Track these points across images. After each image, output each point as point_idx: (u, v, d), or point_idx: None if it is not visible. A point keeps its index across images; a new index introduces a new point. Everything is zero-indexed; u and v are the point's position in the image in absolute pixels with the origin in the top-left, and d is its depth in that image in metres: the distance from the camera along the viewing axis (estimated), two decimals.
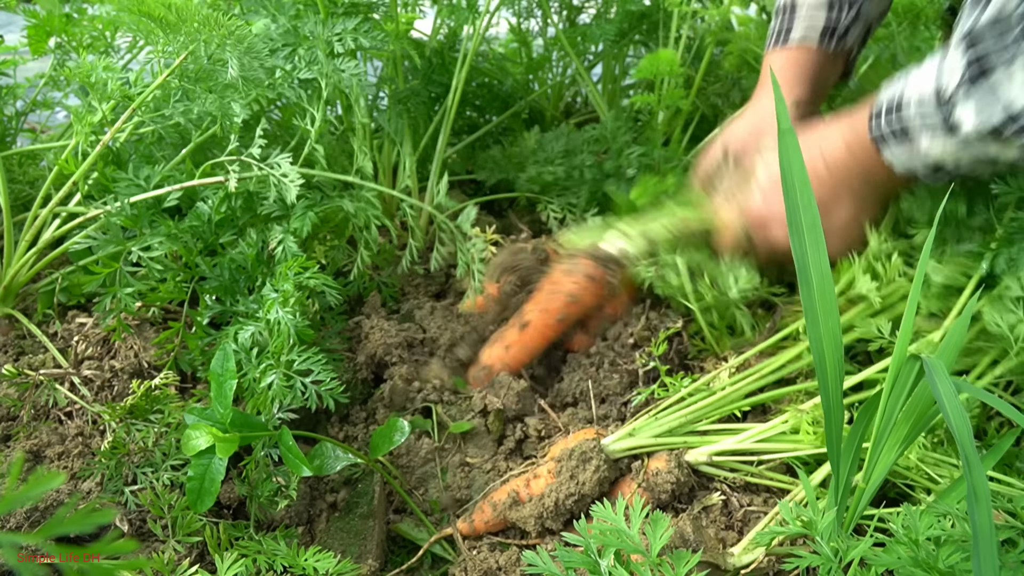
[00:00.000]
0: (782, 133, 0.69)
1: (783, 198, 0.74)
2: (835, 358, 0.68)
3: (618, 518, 0.72)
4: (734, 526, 0.96)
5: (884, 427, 0.69)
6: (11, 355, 1.10)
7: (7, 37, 1.43)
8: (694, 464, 0.97)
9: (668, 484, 0.94)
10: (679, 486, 0.95)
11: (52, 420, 1.01)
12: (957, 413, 0.57)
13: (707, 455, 0.96)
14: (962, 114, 0.85)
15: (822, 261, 0.68)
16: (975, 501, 0.53)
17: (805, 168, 0.70)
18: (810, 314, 0.68)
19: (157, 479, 0.90)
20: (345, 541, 0.91)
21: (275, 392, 0.90)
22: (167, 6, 0.96)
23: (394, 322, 1.25)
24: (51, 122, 1.66)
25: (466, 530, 0.95)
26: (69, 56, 1.37)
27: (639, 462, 0.96)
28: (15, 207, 1.25)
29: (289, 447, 0.84)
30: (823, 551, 0.66)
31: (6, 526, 0.84)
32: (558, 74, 1.73)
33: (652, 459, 0.96)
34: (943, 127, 0.88)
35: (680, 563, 0.68)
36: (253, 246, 1.05)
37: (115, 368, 1.06)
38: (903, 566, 0.63)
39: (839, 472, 0.73)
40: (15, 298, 1.16)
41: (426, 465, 1.03)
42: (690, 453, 0.97)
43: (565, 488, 0.92)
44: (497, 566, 0.90)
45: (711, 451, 0.96)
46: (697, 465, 0.97)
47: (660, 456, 0.96)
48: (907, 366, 0.67)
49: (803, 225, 0.69)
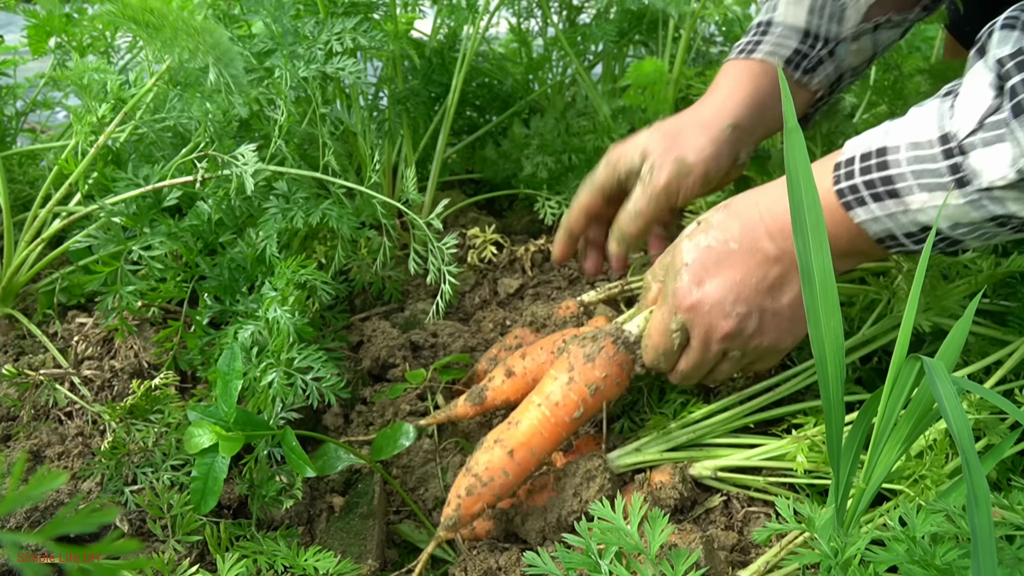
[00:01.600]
0: (788, 132, 0.68)
1: (776, 308, 0.70)
2: (835, 358, 0.68)
3: (617, 517, 0.72)
4: (734, 526, 0.97)
5: (884, 427, 0.69)
6: (11, 355, 1.10)
7: (7, 37, 1.43)
8: (698, 477, 0.97)
9: (671, 499, 0.94)
10: (683, 500, 0.95)
11: (52, 420, 1.01)
12: (957, 414, 0.57)
13: (711, 469, 0.96)
14: (980, 160, 0.69)
15: (825, 261, 0.68)
16: (975, 503, 0.53)
17: (808, 166, 0.66)
18: (812, 313, 0.68)
19: (157, 479, 0.90)
20: (345, 541, 0.91)
21: (276, 391, 0.90)
22: (148, 10, 0.96)
23: (398, 322, 1.26)
24: (51, 122, 1.66)
25: (466, 534, 0.95)
26: (69, 56, 1.37)
27: (643, 474, 0.96)
28: (15, 207, 1.25)
29: (292, 448, 0.84)
30: (822, 549, 0.66)
31: (7, 526, 0.84)
32: (558, 74, 1.73)
33: (656, 472, 0.96)
34: (949, 177, 0.71)
35: (679, 562, 0.68)
36: (252, 245, 1.05)
37: (115, 368, 1.06)
38: (901, 563, 0.63)
39: (839, 472, 0.73)
40: (15, 298, 1.16)
41: (426, 465, 1.03)
42: (695, 467, 0.97)
43: (568, 506, 0.91)
44: (497, 566, 0.90)
45: (716, 466, 0.96)
46: (701, 479, 0.97)
47: (664, 469, 0.96)
48: (907, 366, 0.67)
49: (807, 223, 0.68)
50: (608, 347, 0.93)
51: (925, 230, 0.75)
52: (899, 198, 0.74)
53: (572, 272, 1.38)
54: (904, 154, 0.73)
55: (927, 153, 0.72)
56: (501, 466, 0.89)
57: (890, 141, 0.75)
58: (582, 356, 0.93)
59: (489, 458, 0.89)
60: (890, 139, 0.75)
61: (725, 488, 0.98)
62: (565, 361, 0.94)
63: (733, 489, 0.97)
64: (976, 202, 0.70)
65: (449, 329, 1.20)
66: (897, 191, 0.74)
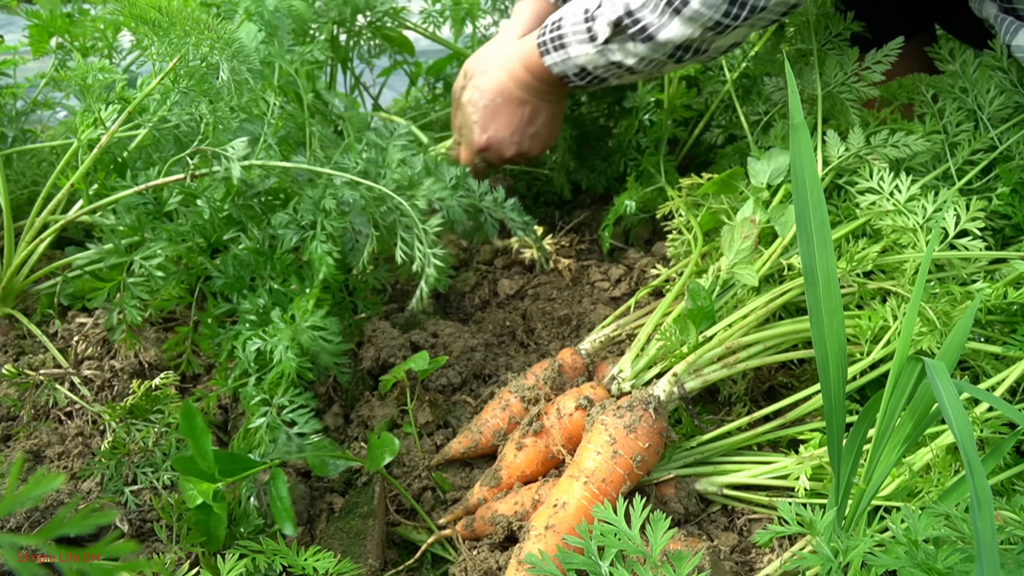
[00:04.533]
0: (794, 128, 0.68)
1: (534, 131, 1.28)
2: (837, 358, 0.68)
3: (619, 520, 0.71)
4: (734, 527, 0.97)
5: (885, 428, 0.69)
6: (11, 355, 1.10)
7: (7, 37, 1.43)
8: (703, 493, 0.97)
9: (676, 515, 0.95)
10: (687, 515, 0.96)
11: (52, 420, 1.01)
12: (958, 415, 0.57)
13: (717, 486, 0.97)
14: (599, 26, 1.12)
15: (828, 262, 0.68)
16: (977, 506, 0.53)
17: (814, 165, 0.69)
18: (814, 314, 0.68)
19: (157, 479, 0.90)
20: (345, 541, 0.91)
21: (260, 438, 0.90)
22: (158, 8, 0.96)
23: (398, 322, 1.25)
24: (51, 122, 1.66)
25: (465, 534, 0.95)
26: (70, 56, 1.36)
27: (649, 487, 0.97)
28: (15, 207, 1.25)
29: (280, 497, 0.82)
30: (822, 551, 0.66)
31: (6, 526, 0.84)
32: None
33: (661, 485, 0.96)
34: (587, 36, 1.14)
35: (680, 564, 0.67)
36: (255, 240, 1.03)
37: (115, 368, 1.06)
38: (902, 566, 0.63)
39: (839, 472, 0.73)
40: (15, 298, 1.16)
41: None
42: (700, 482, 0.97)
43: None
44: (497, 566, 0.90)
45: (723, 483, 0.97)
46: (707, 494, 0.97)
47: (669, 484, 0.96)
48: (908, 367, 0.67)
49: (811, 224, 0.68)
50: (647, 416, 0.93)
51: (583, 70, 1.20)
52: (564, 49, 1.19)
53: (572, 274, 1.38)
54: (567, 22, 1.17)
55: (578, 20, 1.16)
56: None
57: (564, 14, 1.18)
58: (623, 427, 0.92)
59: (544, 546, 0.86)
60: (564, 13, 1.18)
61: (731, 504, 0.98)
62: (603, 433, 0.93)
63: (739, 505, 0.98)
64: (601, 52, 1.15)
65: (449, 329, 1.20)
66: (564, 44, 1.19)
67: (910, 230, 1.03)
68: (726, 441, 0.99)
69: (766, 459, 0.98)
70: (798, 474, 0.93)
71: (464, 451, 1.03)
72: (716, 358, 0.99)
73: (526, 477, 0.99)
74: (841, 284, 1.04)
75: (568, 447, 0.98)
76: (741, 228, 1.04)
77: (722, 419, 1.07)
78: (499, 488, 0.98)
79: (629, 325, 1.13)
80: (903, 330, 0.68)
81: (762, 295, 1.03)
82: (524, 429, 1.00)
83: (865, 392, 1.04)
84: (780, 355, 1.01)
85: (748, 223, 1.03)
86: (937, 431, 0.91)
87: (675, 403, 0.97)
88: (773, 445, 1.04)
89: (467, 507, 0.98)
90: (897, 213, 1.04)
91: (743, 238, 1.03)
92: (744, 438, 0.99)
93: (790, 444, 1.03)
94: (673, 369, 0.98)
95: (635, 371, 1.00)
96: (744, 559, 0.92)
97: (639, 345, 1.03)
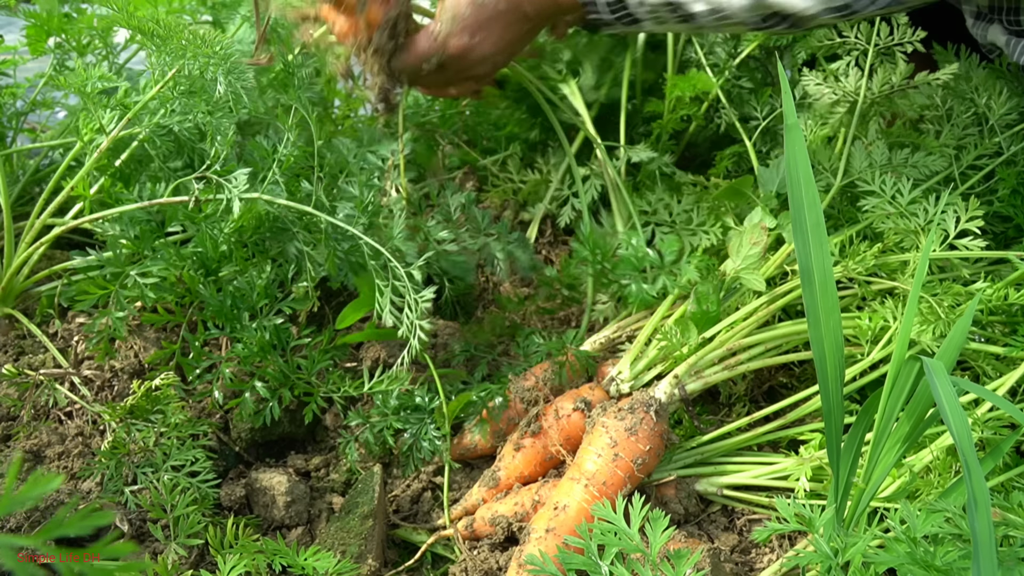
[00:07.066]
0: (788, 129, 0.69)
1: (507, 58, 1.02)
2: (835, 358, 0.68)
3: (618, 518, 0.71)
4: (734, 527, 0.97)
5: (883, 427, 0.69)
6: (11, 355, 1.10)
7: (7, 37, 1.43)
8: (703, 493, 0.97)
9: (676, 515, 0.95)
10: (687, 516, 0.96)
11: (52, 420, 1.01)
12: (956, 413, 0.57)
13: (717, 487, 0.97)
14: None
15: (825, 262, 0.68)
16: (975, 506, 0.53)
17: (808, 165, 0.69)
18: (811, 313, 0.68)
19: (157, 479, 0.90)
20: (345, 541, 0.91)
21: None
22: (156, 21, 0.95)
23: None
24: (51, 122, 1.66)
25: (466, 534, 0.95)
26: (69, 56, 1.36)
27: (649, 488, 0.97)
28: (16, 207, 1.25)
29: None
30: (822, 549, 0.66)
31: (6, 526, 0.84)
32: None
33: (661, 486, 0.96)
34: None
35: (680, 563, 0.67)
36: (263, 276, 1.02)
37: (115, 368, 1.06)
38: (902, 564, 0.63)
39: (838, 472, 0.73)
40: (15, 298, 1.16)
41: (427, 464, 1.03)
42: (701, 482, 0.97)
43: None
44: (497, 566, 0.90)
45: (723, 483, 0.97)
46: (707, 495, 0.97)
47: (670, 485, 0.96)
48: (907, 366, 0.67)
49: (807, 224, 0.68)
50: (648, 419, 0.93)
51: (620, 2, 0.96)
52: None
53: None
54: None
55: None
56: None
57: None
58: (623, 429, 0.92)
59: (545, 549, 0.85)
60: None
61: (731, 505, 0.98)
62: (604, 436, 0.92)
63: (739, 506, 0.98)
64: None
65: (449, 329, 1.20)
66: None
67: (912, 232, 1.03)
68: (726, 442, 0.99)
69: (766, 460, 0.98)
70: (798, 475, 0.93)
71: (464, 451, 1.03)
72: (717, 359, 0.99)
73: (525, 478, 0.99)
74: (842, 284, 1.05)
75: (567, 447, 0.98)
76: (751, 234, 1.03)
77: (722, 420, 1.07)
78: (498, 489, 0.98)
79: (629, 327, 1.14)
80: (901, 329, 0.68)
81: (763, 296, 1.03)
82: (523, 430, 1.00)
83: (866, 393, 1.03)
84: (781, 356, 1.02)
85: (758, 230, 1.03)
86: (937, 431, 0.91)
87: (675, 405, 0.97)
88: (773, 446, 1.04)
89: (467, 507, 0.98)
90: (899, 216, 1.04)
91: (752, 244, 1.03)
92: (744, 439, 0.99)
93: (790, 445, 1.03)
94: (674, 371, 0.98)
95: (634, 372, 1.01)
96: (744, 559, 0.92)
97: (638, 347, 1.03)
